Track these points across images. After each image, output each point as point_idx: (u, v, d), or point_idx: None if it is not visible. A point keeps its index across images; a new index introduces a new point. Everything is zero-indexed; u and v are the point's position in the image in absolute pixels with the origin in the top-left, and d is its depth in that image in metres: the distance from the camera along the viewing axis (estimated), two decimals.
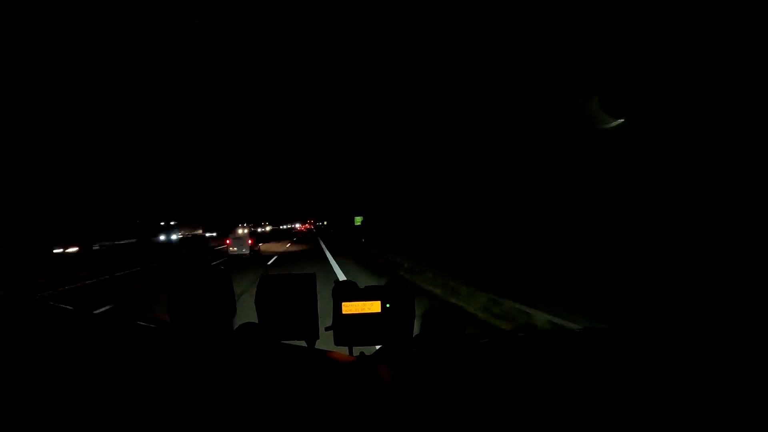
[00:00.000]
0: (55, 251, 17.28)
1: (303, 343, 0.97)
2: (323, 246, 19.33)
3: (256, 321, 1.00)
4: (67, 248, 17.80)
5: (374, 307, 0.98)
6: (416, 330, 1.01)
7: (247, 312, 1.09)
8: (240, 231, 14.45)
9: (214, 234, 43.99)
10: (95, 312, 0.73)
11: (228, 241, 14.96)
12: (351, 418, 0.55)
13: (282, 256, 14.76)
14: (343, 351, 0.90)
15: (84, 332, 0.69)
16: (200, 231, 47.87)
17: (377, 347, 1.00)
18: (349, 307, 0.98)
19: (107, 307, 5.88)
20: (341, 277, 8.16)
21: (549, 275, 5.89)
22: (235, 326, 1.09)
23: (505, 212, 8.73)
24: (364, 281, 6.82)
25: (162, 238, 33.80)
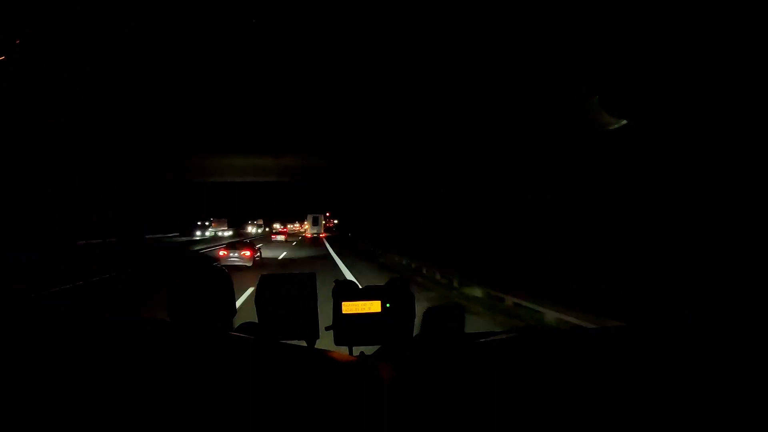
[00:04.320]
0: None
1: (303, 343, 0.97)
2: None
3: (256, 320, 1.00)
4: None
5: (374, 306, 0.98)
6: (416, 330, 1.00)
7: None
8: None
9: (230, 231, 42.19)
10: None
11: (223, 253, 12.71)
12: (351, 418, 0.54)
13: None
14: (343, 351, 0.90)
15: (83, 332, 0.69)
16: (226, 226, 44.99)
17: (377, 347, 1.00)
18: (350, 307, 0.98)
19: None
20: None
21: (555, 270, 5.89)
22: (235, 326, 1.09)
23: (507, 213, 8.72)
24: None
25: (198, 234, 38.70)
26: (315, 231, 42.83)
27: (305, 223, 49.25)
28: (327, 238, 35.32)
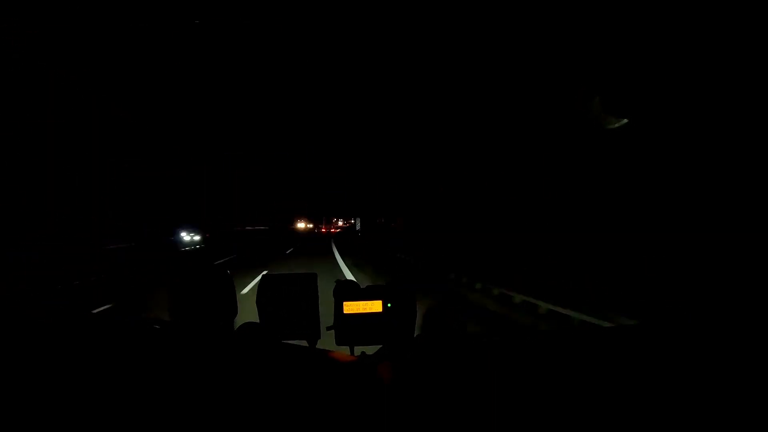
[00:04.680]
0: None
1: (304, 343, 0.97)
2: None
3: (257, 321, 1.00)
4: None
5: (376, 306, 0.98)
6: (418, 330, 1.00)
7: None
8: None
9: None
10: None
11: None
12: (352, 418, 0.54)
13: None
14: (344, 351, 0.90)
15: (84, 331, 0.69)
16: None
17: (378, 347, 1.00)
18: (351, 307, 0.98)
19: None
20: None
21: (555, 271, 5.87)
22: (237, 326, 1.09)
23: (508, 212, 8.71)
24: None
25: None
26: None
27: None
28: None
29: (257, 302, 0.97)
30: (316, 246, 19.93)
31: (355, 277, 8.23)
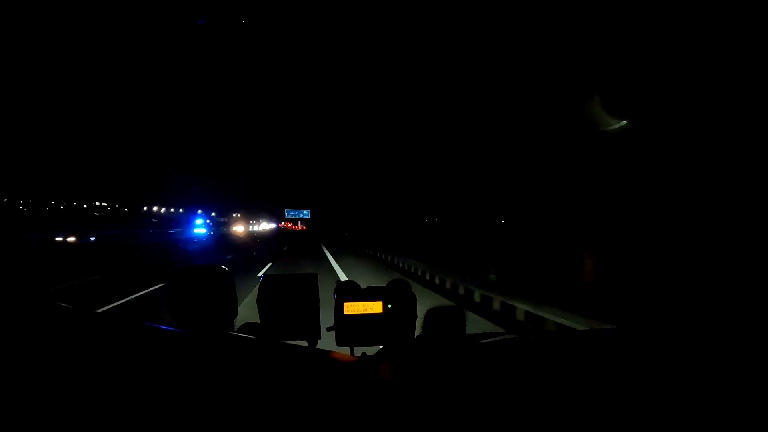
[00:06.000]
0: None
1: (305, 344, 0.97)
2: None
3: (258, 321, 1.00)
4: None
5: (376, 307, 0.98)
6: (418, 331, 1.01)
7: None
8: None
9: None
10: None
11: None
12: (352, 419, 0.54)
13: None
14: (344, 351, 0.90)
15: (84, 331, 0.69)
16: None
17: (379, 348, 1.00)
18: (351, 308, 0.98)
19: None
20: None
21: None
22: (237, 326, 1.09)
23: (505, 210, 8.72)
24: None
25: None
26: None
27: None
28: None
29: (258, 302, 0.97)
30: None
31: None
